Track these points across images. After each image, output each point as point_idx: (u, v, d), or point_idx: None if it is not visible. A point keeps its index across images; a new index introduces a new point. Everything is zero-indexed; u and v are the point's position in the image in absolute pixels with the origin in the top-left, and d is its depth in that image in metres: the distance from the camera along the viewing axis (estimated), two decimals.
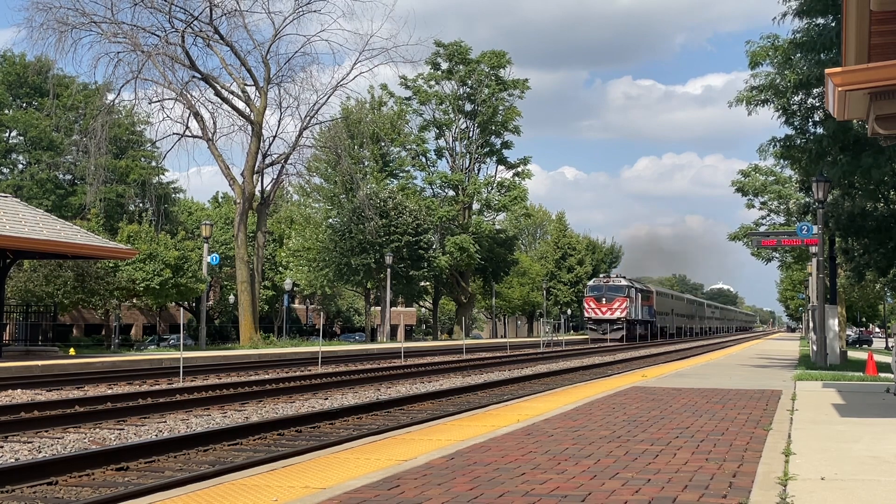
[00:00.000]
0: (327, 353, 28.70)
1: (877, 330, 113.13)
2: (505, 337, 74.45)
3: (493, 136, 63.46)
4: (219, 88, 39.32)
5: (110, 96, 38.82)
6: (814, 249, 27.94)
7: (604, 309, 62.15)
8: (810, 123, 22.49)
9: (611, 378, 18.57)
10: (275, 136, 41.73)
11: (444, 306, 78.78)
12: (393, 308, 63.88)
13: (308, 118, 40.97)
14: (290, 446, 9.96)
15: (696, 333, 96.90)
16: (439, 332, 73.93)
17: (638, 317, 65.89)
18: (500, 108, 62.64)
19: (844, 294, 49.18)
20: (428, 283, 63.59)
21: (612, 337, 60.53)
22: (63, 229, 25.64)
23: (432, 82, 62.35)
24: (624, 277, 66.88)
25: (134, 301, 42.02)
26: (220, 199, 72.60)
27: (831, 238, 27.00)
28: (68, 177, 57.02)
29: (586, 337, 67.01)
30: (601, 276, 70.96)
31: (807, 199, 29.51)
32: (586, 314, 64.39)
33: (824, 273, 23.73)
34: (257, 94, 39.75)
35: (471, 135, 63.34)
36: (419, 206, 55.92)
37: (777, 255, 55.66)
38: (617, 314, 61.93)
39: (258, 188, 41.90)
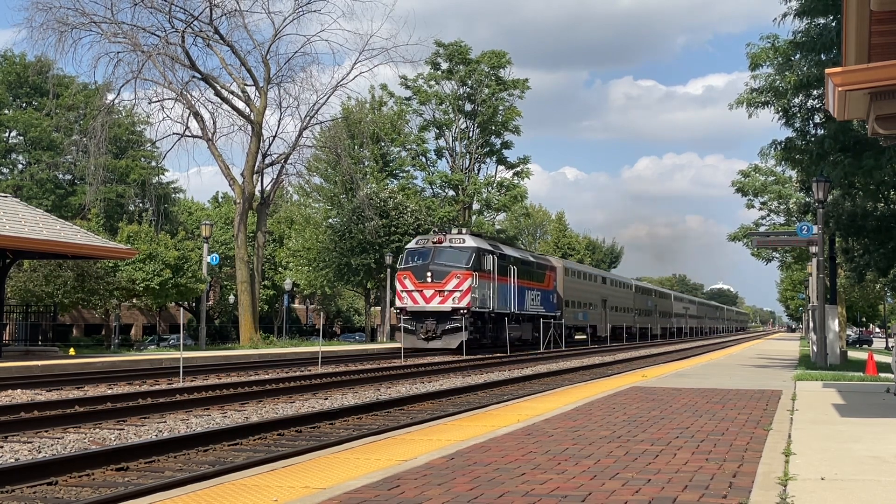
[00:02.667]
0: (327, 353, 28.69)
1: (877, 330, 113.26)
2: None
3: (493, 136, 63.46)
4: (219, 88, 39.32)
5: (110, 96, 38.85)
6: (814, 249, 27.96)
7: (427, 292, 33.21)
8: (811, 125, 22.50)
9: (611, 378, 18.57)
10: (275, 136, 41.77)
11: None
12: (393, 308, 63.76)
13: (308, 118, 40.99)
14: (290, 446, 9.95)
15: (656, 336, 70.84)
16: None
17: (507, 307, 37.02)
18: (500, 108, 62.64)
19: (844, 294, 49.23)
20: None
21: (438, 345, 32.49)
22: (63, 229, 25.63)
23: (432, 82, 62.36)
24: (473, 235, 37.00)
25: (134, 301, 42.04)
26: (220, 199, 72.66)
27: (831, 238, 27.01)
28: (68, 177, 57.04)
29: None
30: (432, 231, 42.89)
31: (807, 199, 29.55)
32: (398, 301, 34.48)
33: (824, 273, 23.74)
34: (257, 94, 39.75)
35: (471, 135, 63.35)
36: (419, 206, 55.94)
37: (777, 255, 55.75)
38: (450, 302, 32.86)
39: (258, 188, 41.92)
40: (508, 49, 63.64)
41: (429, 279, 33.17)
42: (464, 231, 37.54)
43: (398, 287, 34.24)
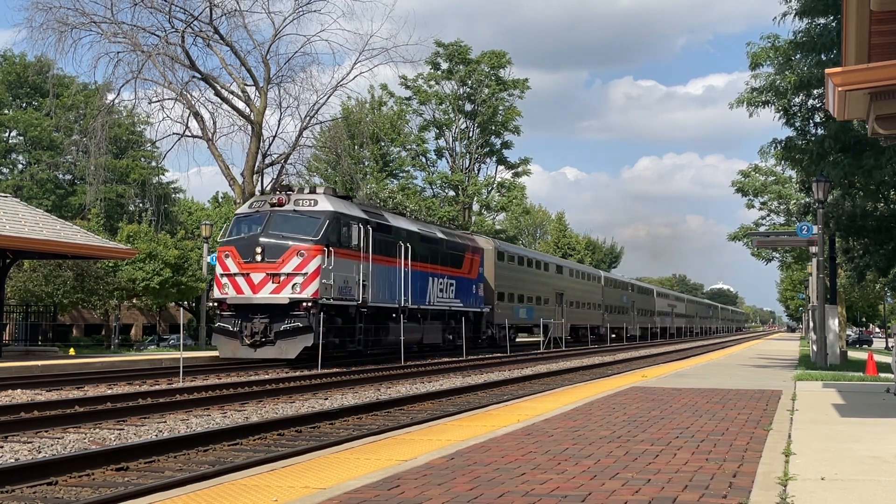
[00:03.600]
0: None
1: (877, 330, 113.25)
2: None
3: (493, 136, 63.53)
4: (219, 88, 39.31)
5: (110, 96, 38.84)
6: (814, 249, 27.97)
7: (256, 276, 23.29)
8: (811, 124, 22.53)
9: (611, 378, 18.57)
10: (275, 136, 41.70)
11: None
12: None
13: (308, 118, 40.94)
14: (290, 446, 9.96)
15: (635, 338, 62.15)
16: None
17: (394, 299, 27.29)
18: (500, 108, 62.73)
19: (844, 294, 49.24)
20: None
21: (272, 353, 23.01)
22: (63, 229, 25.64)
23: (432, 82, 62.43)
24: (334, 196, 25.87)
25: (134, 301, 42.02)
26: (220, 199, 72.63)
27: (831, 238, 27.02)
28: (68, 177, 57.06)
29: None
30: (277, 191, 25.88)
31: (807, 200, 29.57)
32: (216, 290, 24.45)
33: (824, 273, 23.75)
34: (257, 94, 39.74)
35: (471, 135, 63.41)
36: (419, 207, 55.94)
37: (777, 255, 55.75)
38: (287, 291, 23.07)
39: (258, 188, 41.87)
40: (509, 49, 63.82)
41: (258, 257, 23.06)
42: (318, 189, 25.57)
43: (217, 270, 24.04)
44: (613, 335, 59.27)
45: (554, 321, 44.55)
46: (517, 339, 40.92)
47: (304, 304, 22.77)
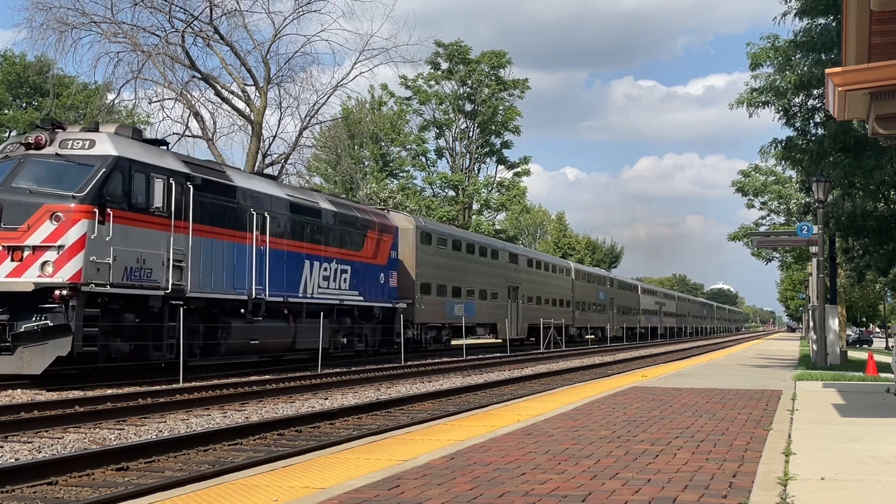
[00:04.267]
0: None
1: (877, 330, 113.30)
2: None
3: (493, 136, 63.56)
4: (219, 88, 39.30)
5: (110, 96, 38.83)
6: (814, 249, 27.97)
7: None
8: (811, 124, 22.54)
9: (611, 378, 18.58)
10: (275, 136, 41.67)
11: None
12: None
13: (308, 118, 40.92)
14: (290, 446, 9.96)
15: (611, 338, 56.35)
16: None
17: (242, 288, 19.92)
18: (500, 108, 62.76)
19: (844, 294, 49.23)
20: None
21: (8, 367, 15.17)
22: None
23: (432, 82, 62.46)
24: (121, 132, 17.29)
25: None
26: None
27: (831, 238, 27.02)
28: None
29: None
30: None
31: (807, 200, 29.59)
32: None
33: (824, 273, 23.75)
34: (257, 94, 39.74)
35: (471, 135, 63.44)
36: (419, 207, 55.94)
37: (777, 255, 55.75)
38: (33, 272, 15.15)
39: None
40: (509, 49, 64.18)
41: None
42: (104, 127, 17.69)
43: None
44: (592, 336, 54.07)
45: (505, 320, 37.90)
46: (452, 343, 34.79)
47: (61, 292, 15.33)
